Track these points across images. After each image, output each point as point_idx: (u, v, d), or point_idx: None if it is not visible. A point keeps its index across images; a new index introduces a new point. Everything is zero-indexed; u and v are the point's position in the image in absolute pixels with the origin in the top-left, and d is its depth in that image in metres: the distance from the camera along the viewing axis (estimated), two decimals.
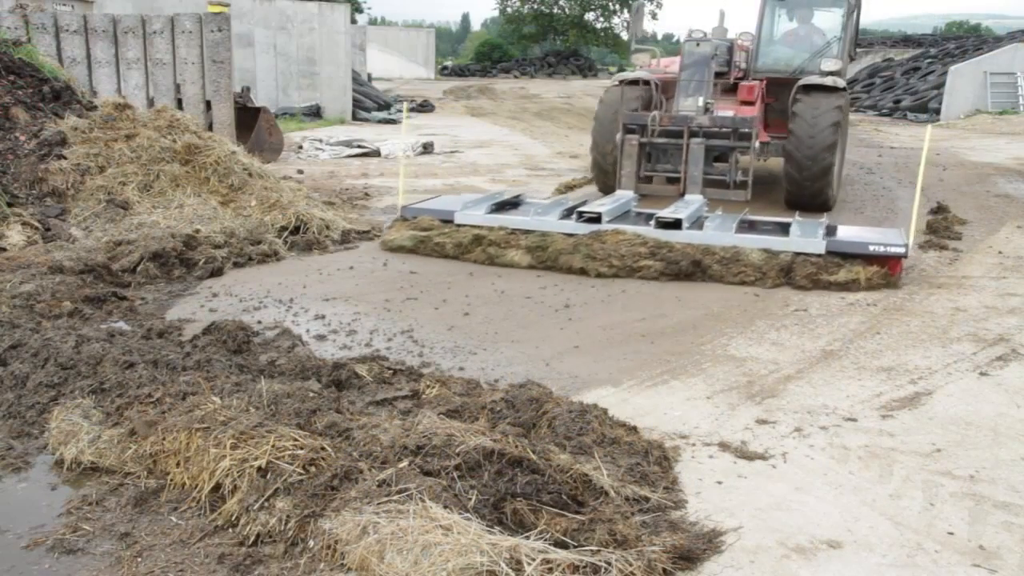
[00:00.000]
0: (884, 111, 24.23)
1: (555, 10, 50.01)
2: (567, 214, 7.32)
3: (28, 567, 2.75)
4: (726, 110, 9.19)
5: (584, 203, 7.75)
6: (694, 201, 7.83)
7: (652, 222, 7.00)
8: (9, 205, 6.81)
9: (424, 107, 23.88)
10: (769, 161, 10.54)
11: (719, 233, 6.80)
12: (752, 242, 6.65)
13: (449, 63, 51.43)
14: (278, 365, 4.28)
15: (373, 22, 53.06)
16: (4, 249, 6.25)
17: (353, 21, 27.15)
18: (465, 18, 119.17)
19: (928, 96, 23.47)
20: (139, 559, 2.79)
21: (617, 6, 48.15)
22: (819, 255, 6.47)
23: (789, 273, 6.39)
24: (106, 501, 3.13)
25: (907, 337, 5.32)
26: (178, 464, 3.21)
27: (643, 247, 6.64)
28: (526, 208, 7.71)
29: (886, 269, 6.41)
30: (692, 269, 6.46)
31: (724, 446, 3.72)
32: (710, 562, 2.83)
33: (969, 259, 7.44)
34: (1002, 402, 4.32)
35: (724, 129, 8.62)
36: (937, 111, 22.43)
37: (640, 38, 9.75)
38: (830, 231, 6.92)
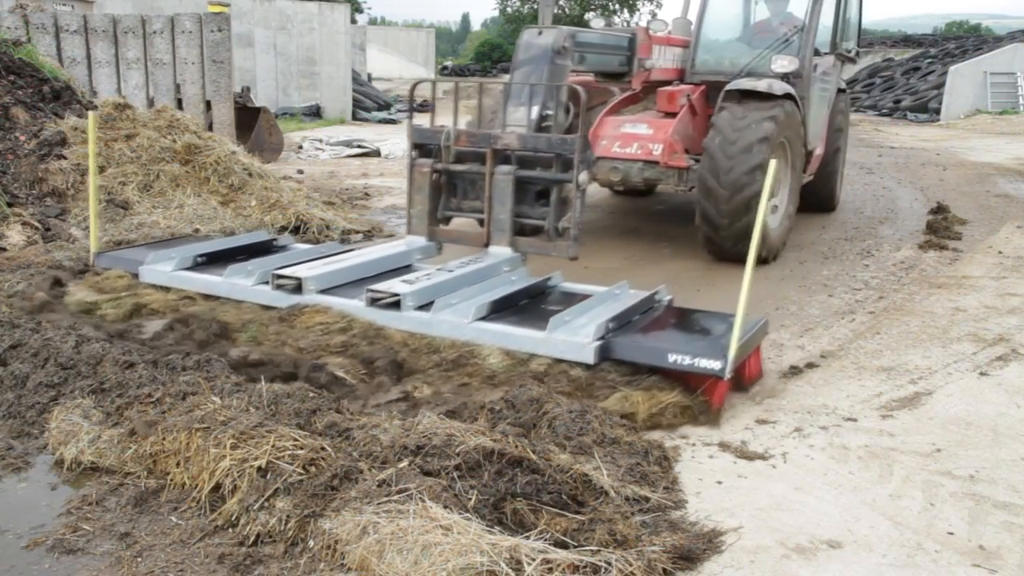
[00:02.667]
0: (884, 111, 24.27)
1: (555, 10, 50.05)
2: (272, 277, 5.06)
3: (28, 567, 2.75)
4: (639, 124, 7.15)
5: (331, 255, 5.65)
6: (494, 256, 5.43)
7: (364, 298, 4.78)
8: (9, 205, 6.81)
9: (424, 107, 23.88)
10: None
11: (454, 319, 4.49)
12: (494, 337, 4.37)
13: (449, 63, 51.42)
14: None
15: (373, 22, 53.13)
16: (4, 249, 6.25)
17: (353, 21, 27.16)
18: (465, 18, 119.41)
19: (928, 96, 23.50)
20: (139, 559, 2.79)
21: (617, 6, 48.15)
22: (587, 366, 4.14)
23: None
24: (106, 501, 3.13)
25: (907, 337, 5.32)
26: (178, 464, 3.21)
27: (341, 335, 4.50)
28: (259, 263, 5.30)
29: (699, 395, 4.02)
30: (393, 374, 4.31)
31: (724, 446, 3.72)
32: (710, 562, 2.83)
33: (969, 259, 7.44)
34: (1002, 402, 4.32)
35: (541, 153, 5.40)
36: (937, 111, 22.45)
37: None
38: (652, 322, 4.57)
